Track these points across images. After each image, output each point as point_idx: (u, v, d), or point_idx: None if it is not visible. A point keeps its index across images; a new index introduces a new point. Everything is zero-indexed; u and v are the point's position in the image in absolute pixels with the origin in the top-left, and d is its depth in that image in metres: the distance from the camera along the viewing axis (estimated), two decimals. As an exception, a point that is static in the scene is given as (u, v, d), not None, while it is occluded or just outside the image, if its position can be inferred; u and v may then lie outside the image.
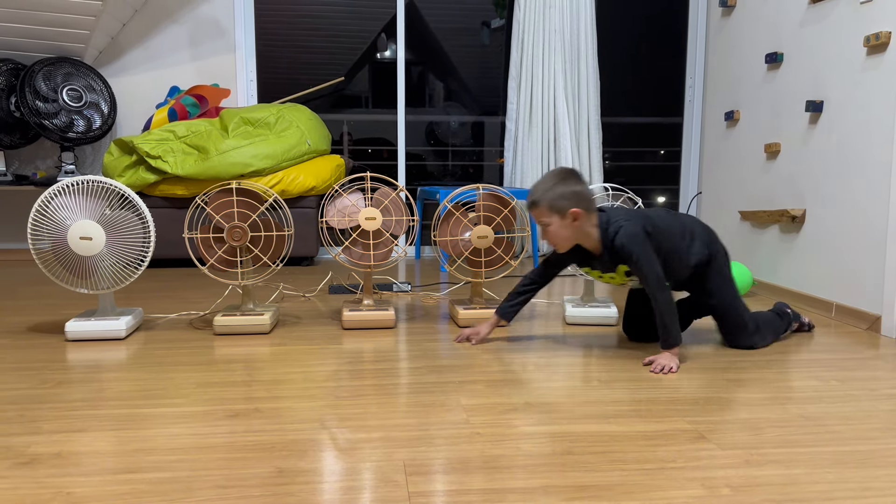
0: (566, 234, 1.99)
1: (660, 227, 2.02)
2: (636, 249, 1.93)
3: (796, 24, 2.86)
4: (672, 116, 4.73)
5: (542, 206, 1.97)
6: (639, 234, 1.95)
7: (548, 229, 1.98)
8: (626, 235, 1.94)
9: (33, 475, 1.25)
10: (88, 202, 2.19)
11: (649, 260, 1.94)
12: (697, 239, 2.08)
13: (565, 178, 1.98)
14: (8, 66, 3.93)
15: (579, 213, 1.95)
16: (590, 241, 2.01)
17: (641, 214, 2.05)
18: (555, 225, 1.97)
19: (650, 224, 2.00)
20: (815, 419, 1.56)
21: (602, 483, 1.23)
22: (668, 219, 2.09)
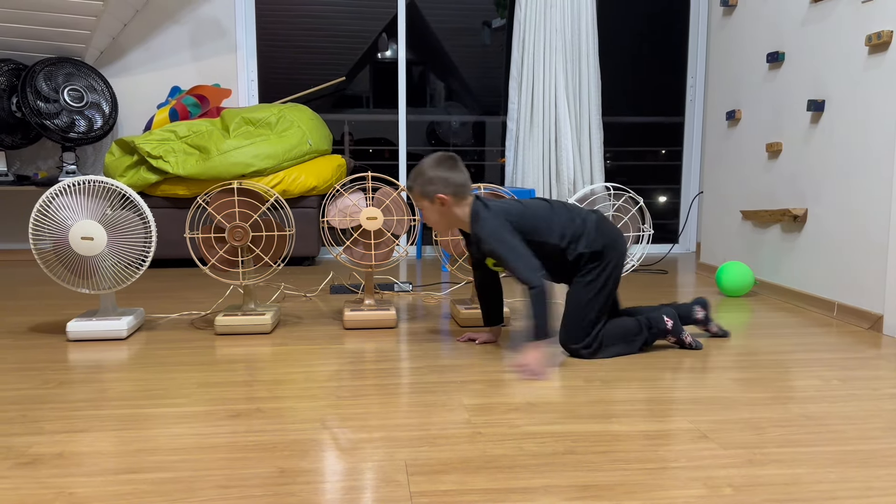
0: (436, 218, 2.05)
1: (526, 217, 2.01)
2: (493, 241, 1.94)
3: (797, 23, 2.86)
4: (673, 116, 4.73)
5: (415, 191, 2.04)
6: (496, 226, 1.95)
7: (423, 213, 2.07)
8: (482, 227, 1.96)
9: (35, 475, 1.25)
10: (90, 202, 2.19)
11: (511, 249, 1.93)
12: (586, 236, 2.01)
13: (439, 164, 2.01)
14: (9, 67, 3.94)
15: (445, 199, 1.99)
16: (463, 224, 2.06)
17: (505, 207, 2.03)
18: (426, 209, 2.04)
19: (514, 215, 2.00)
20: (817, 419, 1.56)
21: (604, 483, 1.23)
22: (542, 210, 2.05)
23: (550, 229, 2.01)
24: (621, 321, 2.12)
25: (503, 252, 1.93)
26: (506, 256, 1.93)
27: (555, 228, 2.01)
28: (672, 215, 4.82)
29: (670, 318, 2.12)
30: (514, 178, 4.37)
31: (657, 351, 2.12)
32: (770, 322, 2.55)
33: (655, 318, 2.12)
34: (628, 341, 2.08)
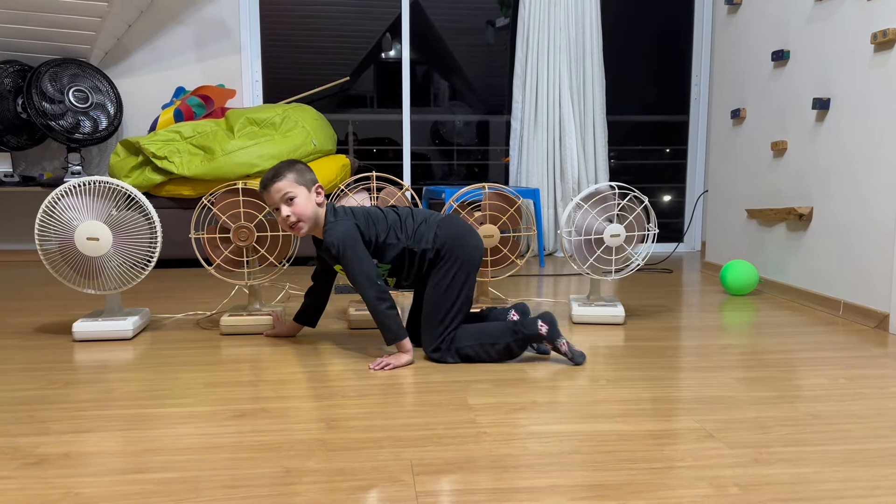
0: (310, 211, 1.97)
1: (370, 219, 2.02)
2: (342, 248, 1.94)
3: (803, 21, 2.85)
4: (678, 114, 4.72)
5: (289, 177, 1.96)
6: (347, 234, 1.95)
7: (295, 202, 1.95)
8: (334, 235, 1.95)
9: (42, 475, 1.25)
10: (95, 203, 2.20)
11: (358, 259, 1.94)
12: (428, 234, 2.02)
13: (298, 163, 2.03)
14: (14, 68, 3.95)
15: (321, 186, 2.01)
16: (320, 230, 2.02)
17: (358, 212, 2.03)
18: (301, 197, 1.96)
19: (362, 220, 2.00)
20: (823, 417, 1.55)
21: (610, 482, 1.22)
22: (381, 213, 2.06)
23: (395, 230, 2.02)
24: (484, 325, 2.04)
25: (353, 266, 1.94)
26: (354, 272, 1.94)
27: (399, 230, 2.02)
28: (677, 214, 4.81)
29: (546, 323, 1.94)
30: (519, 178, 4.37)
31: (660, 350, 2.12)
32: (775, 321, 2.54)
33: (528, 322, 1.96)
34: (486, 345, 1.96)
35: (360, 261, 1.94)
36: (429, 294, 2.01)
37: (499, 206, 2.43)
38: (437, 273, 2.01)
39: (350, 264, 1.94)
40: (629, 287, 3.23)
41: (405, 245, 2.01)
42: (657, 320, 2.54)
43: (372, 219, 2.02)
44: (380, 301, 1.93)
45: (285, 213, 1.95)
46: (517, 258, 2.49)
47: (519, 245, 2.48)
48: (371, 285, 1.93)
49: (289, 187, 1.95)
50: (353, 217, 1.99)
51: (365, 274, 1.93)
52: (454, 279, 2.00)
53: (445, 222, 2.06)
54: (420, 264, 2.03)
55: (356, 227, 1.97)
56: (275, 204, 1.98)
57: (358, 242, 1.95)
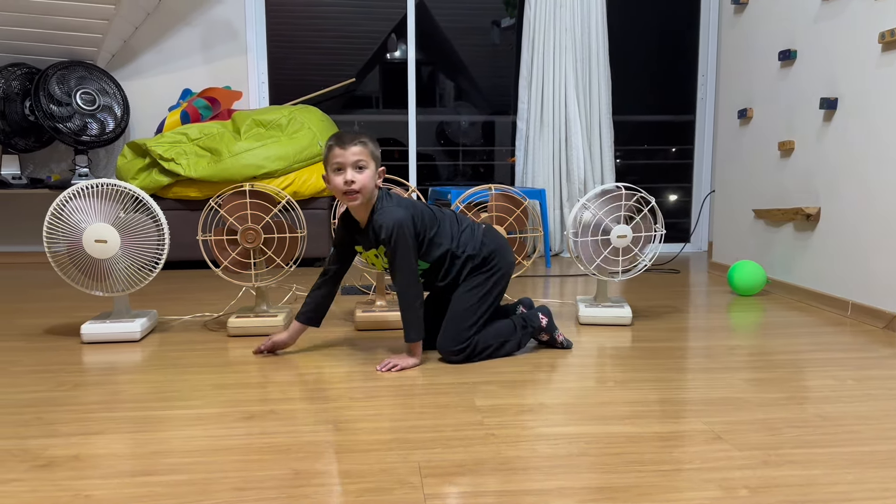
0: (373, 185, 1.94)
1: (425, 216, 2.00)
2: (396, 234, 1.90)
3: (810, 20, 2.84)
4: (684, 114, 4.71)
5: (370, 147, 1.94)
6: (404, 221, 1.91)
7: (363, 173, 1.91)
8: (391, 218, 1.91)
9: (51, 477, 1.26)
10: (103, 205, 2.21)
11: (408, 249, 1.91)
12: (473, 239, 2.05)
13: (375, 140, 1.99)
14: (22, 71, 3.96)
15: (384, 171, 1.99)
16: (366, 210, 1.98)
17: (412, 206, 2.00)
18: (371, 170, 1.93)
19: (418, 215, 1.98)
20: (832, 419, 1.55)
21: (618, 484, 1.22)
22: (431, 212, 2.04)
23: (443, 231, 2.02)
24: (495, 324, 2.09)
25: (399, 256, 1.91)
26: (399, 261, 1.91)
27: (446, 231, 2.02)
28: (683, 214, 4.80)
29: (545, 316, 2.13)
30: (525, 178, 4.36)
31: (668, 351, 2.12)
32: (783, 321, 2.53)
33: (530, 315, 2.12)
34: (501, 343, 2.05)
35: (410, 252, 1.92)
36: (464, 296, 2.02)
37: (505, 206, 2.43)
38: (478, 278, 2.03)
39: (399, 253, 1.91)
40: (636, 288, 3.22)
41: (450, 247, 2.02)
42: (664, 321, 2.54)
43: (423, 213, 2.01)
44: (417, 297, 1.94)
45: (351, 177, 1.89)
46: (523, 259, 2.48)
47: (525, 246, 2.48)
48: (415, 280, 1.94)
49: (365, 156, 1.92)
50: (410, 207, 1.97)
51: (410, 267, 1.93)
52: (493, 287, 2.04)
53: (490, 232, 2.10)
54: (461, 268, 2.04)
55: (412, 218, 1.94)
56: (344, 165, 1.91)
57: (409, 232, 1.92)
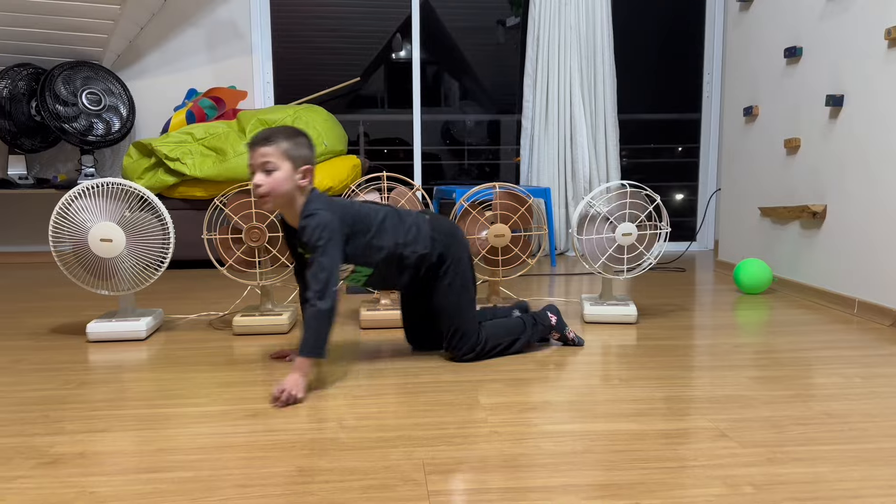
0: (286, 189, 1.77)
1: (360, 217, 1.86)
2: (317, 237, 1.75)
3: (815, 17, 2.83)
4: (690, 112, 4.70)
5: (279, 147, 1.76)
6: (327, 223, 1.76)
7: (274, 175, 1.75)
8: (313, 220, 1.76)
9: (57, 475, 1.26)
10: (108, 204, 2.21)
11: (329, 253, 1.75)
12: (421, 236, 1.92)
13: (303, 136, 1.83)
14: (28, 71, 3.98)
15: (310, 170, 1.81)
16: (294, 211, 1.82)
17: (342, 207, 1.86)
18: (283, 172, 1.76)
19: (350, 217, 1.84)
20: (838, 416, 1.54)
21: (623, 481, 1.22)
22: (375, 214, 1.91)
23: (383, 232, 1.88)
24: (503, 321, 2.07)
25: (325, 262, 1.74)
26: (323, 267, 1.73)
27: (387, 231, 1.89)
28: (689, 213, 4.79)
29: (554, 314, 2.12)
30: (530, 177, 4.36)
31: (673, 349, 2.11)
32: (789, 319, 2.52)
33: (540, 314, 2.11)
34: (514, 339, 2.03)
35: (332, 257, 1.76)
36: (445, 298, 1.95)
37: (510, 205, 2.43)
38: (448, 276, 1.94)
39: (321, 255, 1.74)
40: (641, 286, 3.22)
41: (395, 249, 1.89)
42: (670, 319, 2.53)
43: (356, 215, 1.86)
44: (334, 309, 1.75)
45: (258, 180, 1.76)
46: (528, 258, 2.48)
47: (530, 244, 2.48)
48: (332, 289, 1.74)
49: (275, 156, 1.76)
50: (339, 210, 1.82)
51: (330, 273, 1.74)
52: (464, 275, 1.97)
53: (436, 222, 1.98)
54: (416, 268, 1.93)
55: (339, 220, 1.79)
56: (253, 167, 1.78)
57: (336, 235, 1.77)
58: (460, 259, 1.97)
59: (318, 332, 1.72)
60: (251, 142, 1.79)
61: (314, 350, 1.72)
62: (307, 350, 1.71)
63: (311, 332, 1.72)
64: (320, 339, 1.73)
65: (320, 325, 1.73)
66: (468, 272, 1.99)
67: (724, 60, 3.95)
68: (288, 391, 1.64)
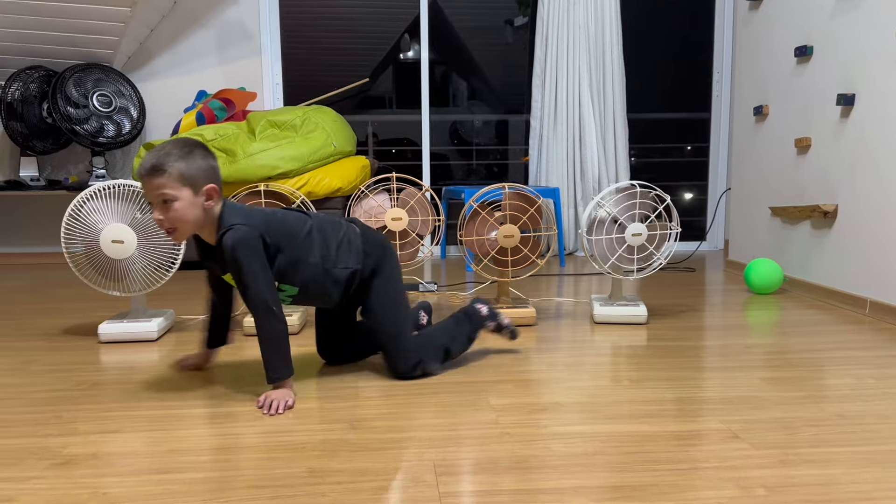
0: (196, 214, 1.61)
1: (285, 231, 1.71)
2: (244, 257, 1.60)
3: (826, 15, 2.81)
4: (699, 111, 4.68)
5: (172, 174, 1.56)
6: (251, 241, 1.61)
7: (174, 206, 1.58)
8: (236, 239, 1.60)
9: (70, 475, 1.27)
10: (120, 206, 2.23)
11: (255, 274, 1.61)
12: (353, 251, 1.79)
13: (198, 148, 1.63)
14: (40, 73, 4.01)
15: (216, 189, 1.64)
16: (210, 229, 1.67)
17: (264, 218, 1.70)
18: (184, 201, 1.59)
19: (273, 228, 1.68)
20: (851, 418, 1.53)
21: (635, 483, 1.22)
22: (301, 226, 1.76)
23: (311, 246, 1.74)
24: (436, 327, 1.98)
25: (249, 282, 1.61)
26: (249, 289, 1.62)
27: (315, 246, 1.75)
28: (699, 212, 4.77)
29: (483, 304, 2.01)
30: (539, 177, 4.36)
31: (684, 350, 2.10)
32: (800, 320, 2.51)
33: (470, 309, 1.99)
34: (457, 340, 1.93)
35: (258, 275, 1.62)
36: (380, 313, 1.82)
37: (519, 205, 2.42)
38: (379, 289, 1.81)
39: (246, 278, 1.61)
40: (651, 286, 3.21)
41: (323, 264, 1.75)
42: (680, 320, 2.52)
43: (280, 227, 1.71)
44: (281, 330, 1.65)
45: (157, 217, 1.60)
46: (537, 258, 2.48)
47: (539, 245, 2.47)
48: (271, 307, 1.63)
49: (169, 186, 1.57)
50: (259, 223, 1.66)
51: (264, 291, 1.63)
52: (396, 287, 1.85)
53: (369, 237, 1.85)
54: (347, 286, 1.80)
55: (260, 238, 1.64)
56: (149, 200, 1.62)
57: (259, 253, 1.63)
58: (392, 270, 1.86)
59: (269, 356, 1.65)
60: (141, 173, 1.60)
61: (283, 371, 1.65)
62: (276, 374, 1.64)
63: (267, 358, 1.64)
64: (285, 358, 1.66)
65: (269, 346, 1.65)
66: (401, 286, 1.88)
67: (734, 59, 3.93)
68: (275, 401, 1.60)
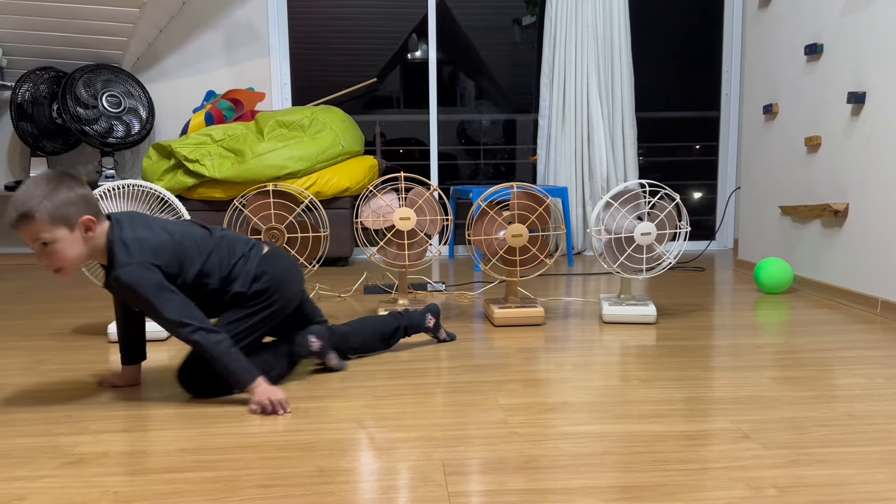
0: (78, 250, 1.53)
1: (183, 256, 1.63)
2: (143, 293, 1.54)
3: (837, 13, 2.80)
4: (708, 110, 4.66)
5: (42, 219, 1.47)
6: (146, 276, 1.55)
7: (53, 248, 1.50)
8: (130, 280, 1.54)
9: (81, 474, 1.28)
10: (129, 206, 2.23)
11: (161, 305, 1.55)
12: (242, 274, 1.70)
13: (62, 181, 1.52)
14: (49, 74, 4.03)
15: (93, 220, 1.54)
16: (102, 257, 1.60)
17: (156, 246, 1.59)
18: (62, 241, 1.50)
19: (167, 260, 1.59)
20: (862, 418, 1.52)
21: (644, 483, 1.21)
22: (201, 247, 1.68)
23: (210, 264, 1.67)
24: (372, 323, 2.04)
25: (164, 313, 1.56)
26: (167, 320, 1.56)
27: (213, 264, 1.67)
28: (708, 211, 4.75)
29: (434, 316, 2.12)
30: (547, 177, 4.35)
31: (693, 350, 2.09)
32: (811, 319, 2.50)
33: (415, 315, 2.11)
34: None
35: (165, 304, 1.55)
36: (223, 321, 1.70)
37: (527, 205, 2.42)
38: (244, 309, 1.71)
39: (155, 312, 1.56)
40: (660, 286, 3.20)
41: (216, 286, 1.68)
42: (689, 319, 2.51)
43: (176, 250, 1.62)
44: (218, 343, 1.58)
45: (40, 260, 1.54)
46: (546, 257, 2.48)
47: (548, 244, 2.47)
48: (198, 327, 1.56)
49: (43, 231, 1.49)
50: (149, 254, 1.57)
51: (180, 315, 1.56)
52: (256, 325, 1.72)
53: (270, 261, 1.75)
54: (221, 303, 1.71)
55: (155, 268, 1.57)
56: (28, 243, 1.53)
57: (158, 284, 1.56)
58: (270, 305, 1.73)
59: (233, 362, 1.58)
60: (10, 224, 1.50)
61: (247, 376, 1.60)
62: (244, 382, 1.60)
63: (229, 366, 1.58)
64: (244, 364, 1.60)
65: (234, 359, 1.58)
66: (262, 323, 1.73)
67: (744, 58, 3.91)
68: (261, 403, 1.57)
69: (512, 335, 2.29)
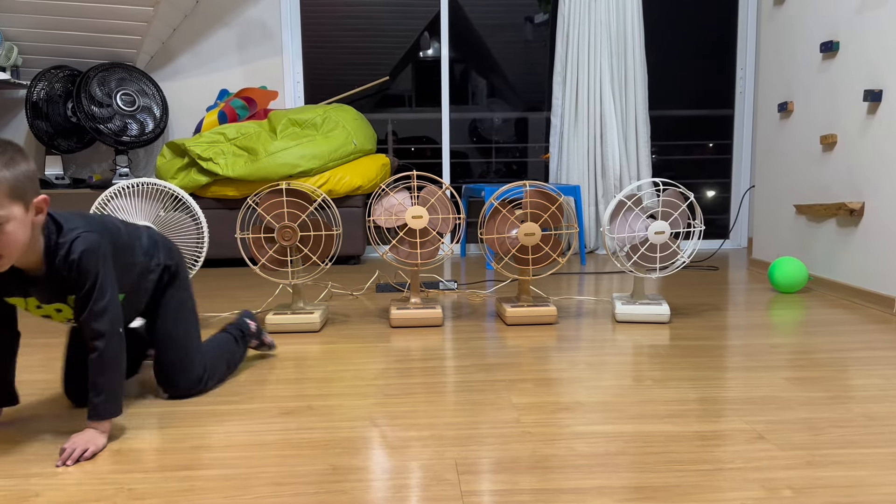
0: (25, 237, 1.28)
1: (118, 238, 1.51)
2: (99, 268, 1.37)
3: (853, 10, 2.77)
4: (723, 108, 4.63)
5: (2, 191, 1.22)
6: (103, 248, 1.39)
7: (4, 228, 1.23)
8: (88, 246, 1.35)
9: (96, 471, 1.29)
10: (144, 204, 2.25)
11: (111, 286, 1.39)
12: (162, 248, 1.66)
13: (19, 150, 1.28)
14: (64, 73, 4.06)
15: (47, 201, 1.32)
16: (33, 252, 1.34)
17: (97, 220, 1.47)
18: (16, 221, 1.24)
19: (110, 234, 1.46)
20: (879, 419, 1.51)
21: (658, 484, 1.21)
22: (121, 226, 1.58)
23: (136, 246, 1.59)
24: (214, 340, 1.84)
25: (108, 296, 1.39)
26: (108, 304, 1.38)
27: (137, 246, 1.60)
28: (722, 210, 4.72)
29: (252, 321, 1.98)
30: (559, 175, 4.34)
31: (707, 350, 2.08)
32: (826, 319, 2.48)
33: (242, 324, 1.95)
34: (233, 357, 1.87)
35: (112, 289, 1.40)
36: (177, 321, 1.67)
37: (540, 203, 2.41)
38: (178, 295, 1.68)
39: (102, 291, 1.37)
40: (674, 285, 3.18)
41: (145, 262, 1.60)
42: (703, 319, 2.50)
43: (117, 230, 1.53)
44: (122, 356, 1.43)
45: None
46: (558, 256, 2.47)
47: (560, 243, 2.46)
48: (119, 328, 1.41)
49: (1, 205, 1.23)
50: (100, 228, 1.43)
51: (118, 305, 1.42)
52: (192, 297, 1.73)
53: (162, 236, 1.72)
54: (157, 283, 1.64)
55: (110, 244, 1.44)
56: None
57: (108, 258, 1.40)
58: (187, 282, 1.72)
59: (113, 387, 1.40)
60: None
61: (114, 409, 1.41)
62: (106, 413, 1.40)
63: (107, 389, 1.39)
64: (118, 394, 1.42)
65: (113, 376, 1.40)
66: (193, 297, 1.74)
67: (758, 55, 3.88)
68: (80, 448, 1.33)
69: (524, 334, 2.29)
